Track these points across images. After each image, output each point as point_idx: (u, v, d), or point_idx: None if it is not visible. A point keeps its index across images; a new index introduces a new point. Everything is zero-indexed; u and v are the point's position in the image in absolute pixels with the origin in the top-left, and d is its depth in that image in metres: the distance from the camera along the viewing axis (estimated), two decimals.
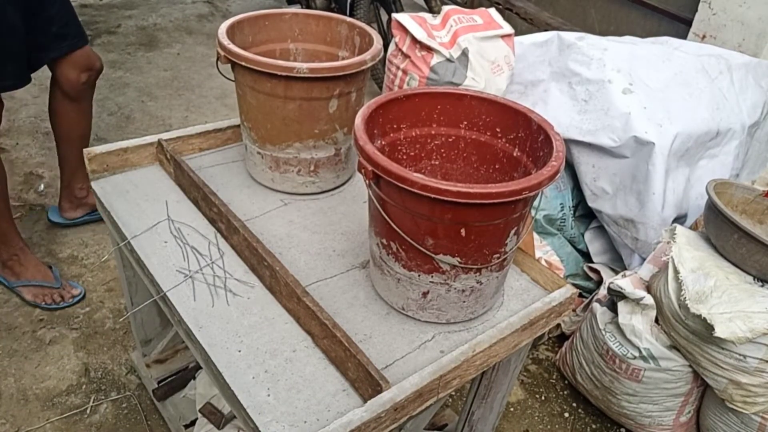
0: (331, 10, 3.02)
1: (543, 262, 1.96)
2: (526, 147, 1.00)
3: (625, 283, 1.66)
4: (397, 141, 1.04)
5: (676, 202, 1.94)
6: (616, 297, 1.70)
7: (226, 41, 1.12)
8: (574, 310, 2.01)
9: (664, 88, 1.94)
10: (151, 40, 3.88)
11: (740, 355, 1.46)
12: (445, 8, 2.15)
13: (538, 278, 1.11)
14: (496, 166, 1.06)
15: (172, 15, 4.12)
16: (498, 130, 1.03)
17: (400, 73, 2.06)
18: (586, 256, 2.19)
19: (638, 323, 1.61)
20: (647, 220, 1.90)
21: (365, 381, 0.83)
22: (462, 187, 0.78)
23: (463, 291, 0.94)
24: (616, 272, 2.04)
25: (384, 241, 0.93)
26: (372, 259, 1.01)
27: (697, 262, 1.56)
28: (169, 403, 1.59)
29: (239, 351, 0.92)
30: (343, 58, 1.30)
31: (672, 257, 1.58)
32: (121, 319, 1.93)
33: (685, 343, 1.55)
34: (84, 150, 1.23)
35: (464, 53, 1.98)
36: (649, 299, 1.61)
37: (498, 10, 2.48)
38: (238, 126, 1.34)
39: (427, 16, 2.10)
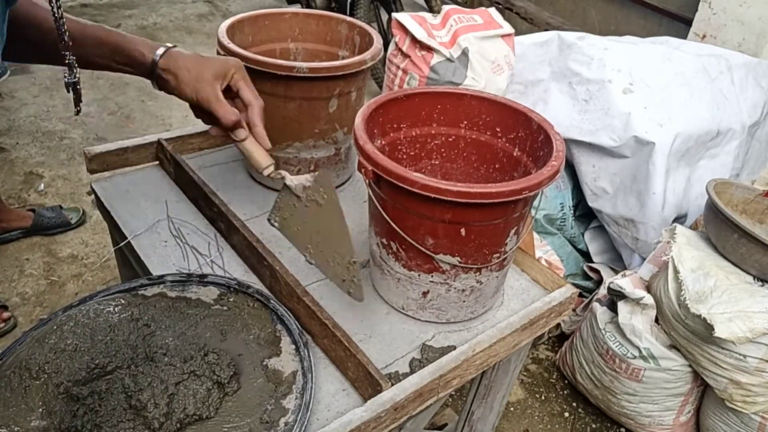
0: (332, 10, 3.02)
1: (543, 262, 1.96)
2: (526, 147, 1.00)
3: (625, 282, 1.66)
4: (397, 141, 1.04)
5: (676, 202, 1.93)
6: (616, 297, 1.70)
7: (226, 41, 1.11)
8: (574, 310, 2.01)
9: (665, 88, 1.94)
10: (151, 40, 3.89)
11: (740, 354, 1.46)
12: (445, 8, 2.15)
13: (538, 278, 1.11)
14: (496, 166, 1.06)
15: (172, 14, 4.12)
16: (498, 129, 1.03)
17: (400, 73, 2.06)
18: (586, 255, 2.19)
19: (638, 323, 1.61)
20: (647, 220, 1.90)
21: (365, 380, 0.83)
22: (462, 187, 0.78)
23: (463, 290, 0.93)
24: (616, 272, 2.04)
25: (384, 240, 0.93)
26: (372, 259, 1.01)
27: (697, 261, 1.56)
28: None
29: None
30: (343, 58, 1.29)
31: (672, 257, 1.58)
32: None
33: (685, 343, 1.55)
34: (84, 150, 1.22)
35: (464, 53, 1.98)
36: (649, 299, 1.61)
37: (498, 9, 2.48)
38: None
39: (427, 15, 2.10)
